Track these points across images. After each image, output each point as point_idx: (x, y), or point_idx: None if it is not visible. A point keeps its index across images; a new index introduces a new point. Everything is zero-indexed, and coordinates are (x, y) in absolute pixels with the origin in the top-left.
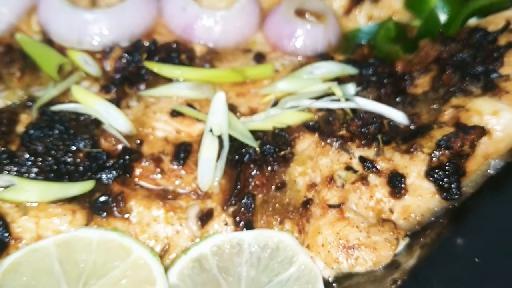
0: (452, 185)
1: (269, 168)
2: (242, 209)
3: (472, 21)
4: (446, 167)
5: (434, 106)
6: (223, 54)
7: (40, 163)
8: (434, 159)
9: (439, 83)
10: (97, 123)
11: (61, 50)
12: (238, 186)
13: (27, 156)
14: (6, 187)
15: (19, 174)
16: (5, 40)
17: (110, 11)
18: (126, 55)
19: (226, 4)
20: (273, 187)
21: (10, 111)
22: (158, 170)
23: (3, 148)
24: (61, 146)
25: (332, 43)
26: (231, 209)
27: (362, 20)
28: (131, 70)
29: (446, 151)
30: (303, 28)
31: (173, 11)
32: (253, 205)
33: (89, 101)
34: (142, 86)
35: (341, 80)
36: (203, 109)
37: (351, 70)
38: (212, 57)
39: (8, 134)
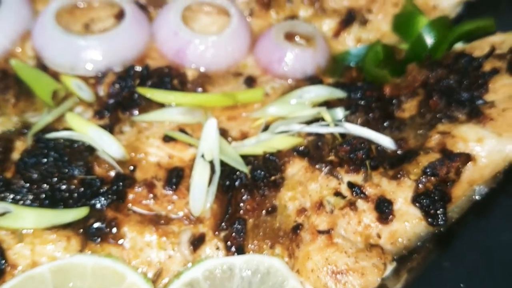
0: (438, 211)
1: (260, 193)
2: (233, 234)
3: (459, 45)
4: (432, 194)
5: (421, 131)
6: (215, 78)
7: (35, 190)
8: (420, 185)
9: (426, 108)
10: (91, 149)
11: (55, 76)
12: (230, 211)
13: (23, 183)
14: (2, 214)
15: (15, 201)
16: (0, 66)
17: (103, 37)
18: (119, 80)
19: (218, 27)
20: (264, 211)
21: (5, 139)
22: (151, 195)
23: (0, 177)
24: (56, 173)
25: (321, 66)
26: (223, 233)
27: (351, 42)
28: (124, 95)
29: (432, 178)
30: (292, 52)
31: (166, 36)
32: (244, 230)
33: (83, 128)
34: (135, 111)
35: (330, 104)
36: (195, 133)
37: (339, 93)
38: (203, 81)
39: (3, 162)
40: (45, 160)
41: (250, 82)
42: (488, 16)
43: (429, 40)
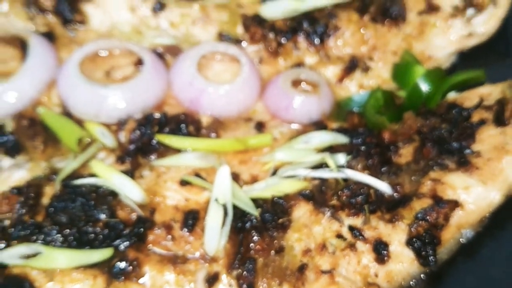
0: (429, 253)
1: (269, 234)
2: (245, 272)
3: (452, 94)
4: (424, 237)
5: (415, 177)
6: (227, 123)
7: (64, 233)
8: (413, 229)
9: (420, 155)
10: (114, 194)
11: (80, 122)
12: (241, 251)
13: (53, 226)
14: (34, 255)
15: (46, 242)
16: (28, 113)
17: (125, 86)
18: (139, 127)
19: (230, 74)
20: (273, 251)
21: (36, 185)
22: (169, 236)
23: (31, 220)
24: (83, 216)
25: (326, 111)
26: (235, 272)
27: (353, 88)
28: (144, 141)
29: (423, 223)
30: (299, 99)
31: (182, 85)
32: (254, 269)
33: (107, 175)
34: (154, 156)
35: (333, 148)
36: (209, 177)
37: (342, 139)
38: (217, 126)
39: (35, 207)
40: (73, 204)
41: (260, 127)
42: (479, 65)
43: (424, 89)
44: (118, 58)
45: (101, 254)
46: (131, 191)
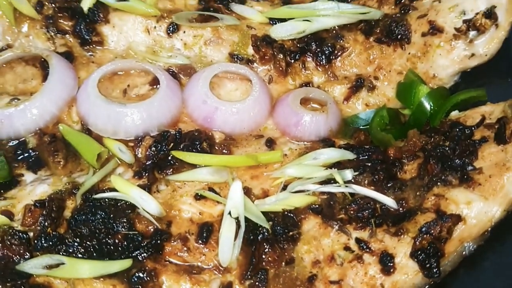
0: (433, 265)
1: (280, 246)
2: (257, 283)
3: (455, 112)
4: (428, 250)
5: (419, 192)
6: (239, 140)
7: (85, 244)
8: (417, 242)
9: (424, 171)
10: (132, 208)
11: (98, 139)
12: (253, 262)
13: (74, 238)
14: (57, 265)
15: (68, 254)
16: (49, 130)
17: (142, 105)
18: (155, 144)
19: (241, 93)
20: (283, 263)
21: (58, 198)
22: (185, 248)
23: (54, 232)
24: (103, 229)
25: (333, 129)
26: (248, 282)
27: (360, 106)
28: (160, 157)
29: (427, 236)
30: (308, 117)
31: (195, 103)
32: (266, 279)
33: (126, 189)
34: (170, 171)
35: (341, 164)
36: (223, 191)
37: (349, 155)
38: (229, 143)
39: (57, 219)
40: (93, 217)
41: (270, 143)
42: (481, 84)
43: (428, 107)
44: (134, 77)
45: (121, 265)
46: (148, 205)
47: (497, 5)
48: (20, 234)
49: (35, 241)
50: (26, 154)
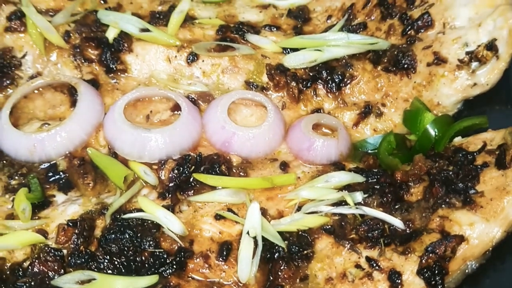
0: (438, 282)
1: (295, 264)
2: None
3: (458, 138)
4: (433, 268)
5: (425, 214)
6: (255, 163)
7: (114, 261)
8: (423, 260)
9: (430, 194)
10: (157, 227)
11: (124, 162)
12: (270, 279)
13: (105, 255)
14: (89, 281)
15: (99, 270)
16: (78, 154)
17: (165, 130)
18: (177, 167)
19: (256, 118)
20: (298, 279)
21: (89, 218)
22: (206, 265)
23: (86, 250)
24: (131, 247)
25: (344, 153)
26: None
27: (368, 131)
28: (182, 179)
29: (433, 255)
30: (319, 142)
31: (214, 129)
32: None
33: (152, 210)
34: (191, 193)
35: (351, 186)
36: (240, 212)
37: (359, 178)
38: (245, 166)
39: (88, 238)
40: (122, 236)
41: (284, 166)
42: (483, 111)
43: (433, 134)
44: (157, 104)
45: (148, 280)
46: (172, 224)
47: (498, 38)
48: (55, 251)
49: (69, 258)
50: (57, 176)
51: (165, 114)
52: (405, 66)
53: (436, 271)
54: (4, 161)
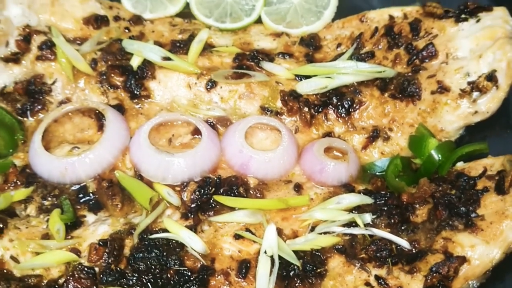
0: None
1: (309, 281)
2: None
3: (460, 163)
4: (437, 286)
5: (430, 235)
6: (270, 185)
7: (142, 279)
8: (428, 280)
9: (434, 216)
10: (181, 246)
11: (149, 184)
12: None
13: (133, 273)
14: None
15: (128, 287)
16: (106, 176)
17: (187, 154)
18: (199, 188)
19: (271, 141)
20: None
21: (118, 238)
22: (227, 282)
23: (117, 268)
24: (157, 265)
25: (353, 175)
26: None
27: (376, 155)
28: (203, 200)
29: (437, 275)
30: (330, 165)
31: (233, 153)
32: None
33: (176, 230)
34: (211, 213)
35: (360, 207)
36: (257, 231)
37: (368, 200)
38: (262, 188)
39: (119, 256)
40: (149, 255)
41: (298, 188)
42: (483, 136)
43: (437, 159)
44: (178, 128)
45: None
46: (195, 244)
47: (498, 69)
48: (88, 269)
49: (101, 276)
50: (87, 197)
51: (186, 138)
52: (411, 93)
53: None
54: (38, 183)
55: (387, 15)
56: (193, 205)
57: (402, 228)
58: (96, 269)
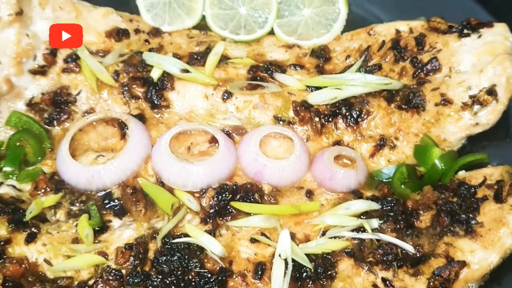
0: None
1: (320, 283)
2: None
3: (462, 172)
4: None
5: (433, 240)
6: (283, 191)
7: (166, 280)
8: (431, 282)
9: (437, 222)
10: (201, 250)
11: (170, 190)
12: None
13: (157, 275)
14: None
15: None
16: (130, 183)
17: (205, 162)
18: (216, 195)
19: (284, 149)
20: None
21: (143, 242)
22: (244, 283)
23: (142, 270)
24: (179, 268)
25: (362, 182)
26: None
27: (383, 162)
28: (220, 206)
29: (439, 278)
30: (340, 172)
31: (248, 161)
32: None
33: (196, 235)
34: (229, 218)
35: (368, 213)
36: (272, 235)
37: (375, 206)
38: (275, 194)
39: (144, 259)
40: (172, 258)
41: (310, 194)
42: (484, 146)
43: (440, 168)
44: (196, 136)
45: None
46: (214, 247)
47: (497, 84)
48: (115, 271)
49: (127, 277)
50: (112, 203)
51: (204, 146)
52: (416, 105)
53: None
54: (66, 189)
55: (393, 29)
56: (211, 211)
57: (407, 233)
58: (123, 271)
